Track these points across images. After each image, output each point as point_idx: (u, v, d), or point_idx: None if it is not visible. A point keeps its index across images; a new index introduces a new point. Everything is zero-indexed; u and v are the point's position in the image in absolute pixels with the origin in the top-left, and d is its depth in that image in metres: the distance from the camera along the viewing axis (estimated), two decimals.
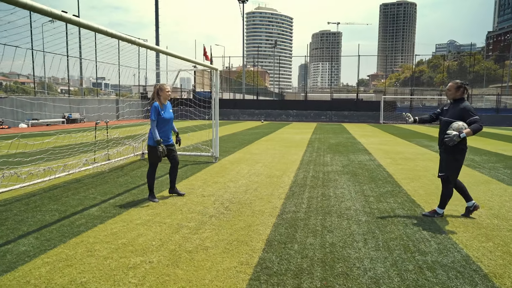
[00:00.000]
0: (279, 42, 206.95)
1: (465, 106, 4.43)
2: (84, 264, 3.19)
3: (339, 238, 3.92)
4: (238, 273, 3.09)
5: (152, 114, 5.15)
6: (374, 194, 5.87)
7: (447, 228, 4.29)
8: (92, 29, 4.40)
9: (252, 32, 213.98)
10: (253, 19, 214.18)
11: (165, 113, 5.30)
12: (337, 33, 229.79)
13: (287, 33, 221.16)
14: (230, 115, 32.79)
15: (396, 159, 9.59)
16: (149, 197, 5.35)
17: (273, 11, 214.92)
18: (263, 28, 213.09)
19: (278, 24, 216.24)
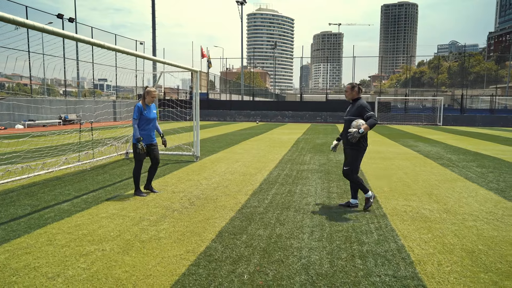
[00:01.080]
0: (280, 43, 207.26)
1: (361, 103, 4.88)
2: (41, 252, 3.47)
3: (288, 230, 4.18)
4: (181, 260, 3.35)
5: (134, 113, 5.52)
6: (339, 191, 6.13)
7: (394, 222, 4.54)
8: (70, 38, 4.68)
9: (253, 33, 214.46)
10: (254, 21, 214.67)
11: (147, 113, 5.63)
12: (338, 34, 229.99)
13: (288, 34, 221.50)
14: (226, 116, 33.07)
15: (375, 158, 9.83)
16: (136, 192, 5.63)
17: (274, 12, 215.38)
18: (264, 29, 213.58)
19: (279, 25, 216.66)
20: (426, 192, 6.10)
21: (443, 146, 13.13)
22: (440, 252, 3.62)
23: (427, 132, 20.55)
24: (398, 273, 3.14)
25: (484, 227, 4.38)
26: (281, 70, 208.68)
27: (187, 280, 2.96)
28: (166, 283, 2.91)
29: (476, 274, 3.15)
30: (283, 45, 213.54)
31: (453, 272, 3.18)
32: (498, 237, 4.05)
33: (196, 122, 8.96)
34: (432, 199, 5.65)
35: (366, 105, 4.86)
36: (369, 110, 4.81)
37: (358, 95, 5.02)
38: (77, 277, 2.98)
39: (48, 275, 3.00)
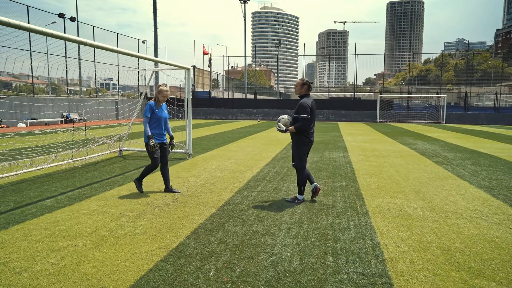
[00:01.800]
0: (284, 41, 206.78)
1: (301, 102, 4.96)
2: (14, 247, 3.48)
3: (265, 227, 4.16)
4: (151, 256, 3.35)
5: (147, 111, 5.43)
6: (325, 188, 6.09)
7: (375, 219, 4.50)
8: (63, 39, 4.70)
9: (258, 32, 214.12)
10: (259, 19, 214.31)
11: (159, 112, 5.54)
12: (344, 32, 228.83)
13: (293, 32, 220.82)
14: (228, 114, 33.08)
15: (369, 156, 9.76)
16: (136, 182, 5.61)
17: (278, 10, 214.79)
18: (268, 27, 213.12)
19: (284, 24, 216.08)
20: (414, 190, 6.04)
21: (442, 144, 13.00)
22: (415, 250, 3.57)
23: (428, 130, 20.37)
24: (367, 271, 3.11)
25: (465, 225, 4.32)
26: (286, 68, 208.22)
27: (152, 276, 2.96)
28: (131, 279, 2.90)
29: (447, 273, 3.10)
30: (288, 44, 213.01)
31: (424, 270, 3.13)
32: (478, 235, 3.99)
33: (188, 120, 8.96)
34: (418, 197, 5.59)
35: (306, 105, 4.90)
36: (305, 113, 4.88)
37: (307, 92, 5.09)
38: (44, 272, 2.99)
39: (16, 270, 3.02)
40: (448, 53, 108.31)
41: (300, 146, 5.05)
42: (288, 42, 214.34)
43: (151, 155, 5.45)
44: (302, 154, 5.07)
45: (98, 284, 2.81)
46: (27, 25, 4.66)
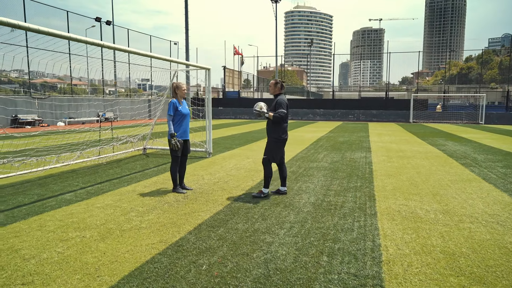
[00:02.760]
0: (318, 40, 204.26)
1: (278, 99, 5.26)
2: (28, 236, 3.75)
3: (267, 225, 4.18)
4: (150, 249, 3.48)
5: (170, 110, 5.54)
6: (338, 189, 6.00)
7: (382, 221, 4.39)
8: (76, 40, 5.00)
9: (290, 31, 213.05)
10: (292, 18, 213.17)
11: (182, 108, 5.66)
12: (379, 30, 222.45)
13: (326, 31, 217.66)
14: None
15: (392, 157, 9.48)
16: (174, 189, 5.64)
17: (312, 9, 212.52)
18: (301, 27, 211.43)
19: (317, 23, 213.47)
20: (431, 192, 5.81)
21: (474, 146, 12.35)
22: (417, 253, 3.46)
23: (463, 131, 19.40)
24: (360, 272, 3.06)
25: (478, 229, 4.12)
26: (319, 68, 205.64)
27: (147, 268, 3.08)
28: (127, 269, 3.04)
29: (446, 278, 2.99)
30: (321, 43, 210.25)
31: (421, 274, 3.04)
32: (490, 240, 3.80)
33: (208, 120, 9.14)
34: (434, 200, 5.38)
35: (281, 102, 5.21)
36: (282, 107, 5.18)
37: (280, 91, 5.38)
38: (49, 259, 3.20)
39: (25, 257, 3.25)
40: (492, 50, 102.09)
41: (276, 143, 5.35)
42: (321, 41, 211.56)
43: (174, 153, 5.55)
44: (276, 150, 5.38)
45: (95, 273, 2.97)
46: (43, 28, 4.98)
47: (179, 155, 5.61)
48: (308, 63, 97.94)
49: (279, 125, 5.27)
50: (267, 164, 5.38)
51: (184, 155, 5.78)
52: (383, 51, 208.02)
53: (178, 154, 5.58)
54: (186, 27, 31.21)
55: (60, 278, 2.88)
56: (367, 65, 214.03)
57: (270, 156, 5.35)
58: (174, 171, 5.61)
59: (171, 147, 5.49)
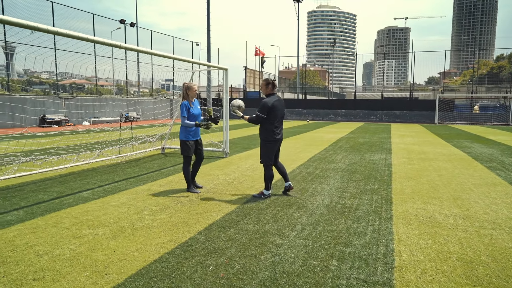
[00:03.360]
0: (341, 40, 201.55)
1: (262, 101, 5.20)
2: (44, 232, 3.86)
3: (278, 227, 4.13)
4: (160, 248, 3.50)
5: (183, 112, 5.58)
6: (354, 191, 5.87)
7: (397, 225, 4.25)
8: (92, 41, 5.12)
9: (313, 31, 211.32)
10: (315, 18, 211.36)
11: (194, 109, 5.71)
12: (405, 29, 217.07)
13: (350, 31, 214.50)
14: None
15: (413, 159, 9.20)
16: (188, 189, 5.68)
17: (335, 8, 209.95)
18: (324, 26, 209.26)
19: (341, 22, 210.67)
20: (452, 196, 5.59)
21: (502, 148, 11.81)
22: (432, 260, 3.32)
23: (491, 133, 18.61)
24: (370, 278, 2.96)
25: (501, 237, 3.92)
26: (342, 68, 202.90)
27: (154, 267, 3.10)
28: (134, 268, 3.07)
29: (461, 287, 2.85)
30: (344, 42, 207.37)
31: (434, 282, 2.91)
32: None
33: (226, 120, 9.16)
34: (455, 204, 5.17)
35: (263, 104, 5.15)
36: (261, 110, 5.13)
37: (272, 91, 5.32)
38: (61, 256, 3.28)
39: (39, 253, 3.34)
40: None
41: (266, 144, 5.29)
42: (345, 41, 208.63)
43: (186, 152, 5.59)
44: (269, 151, 5.31)
45: (104, 271, 3.01)
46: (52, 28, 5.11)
47: (191, 155, 5.64)
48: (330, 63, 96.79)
49: (265, 126, 5.22)
50: (267, 167, 5.32)
51: (200, 155, 5.81)
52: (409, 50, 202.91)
53: (190, 154, 5.62)
54: (208, 28, 31.50)
55: (69, 274, 2.94)
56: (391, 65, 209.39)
57: (266, 159, 5.30)
58: (187, 171, 5.64)
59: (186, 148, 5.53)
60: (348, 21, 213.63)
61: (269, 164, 5.35)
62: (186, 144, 5.58)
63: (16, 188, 5.78)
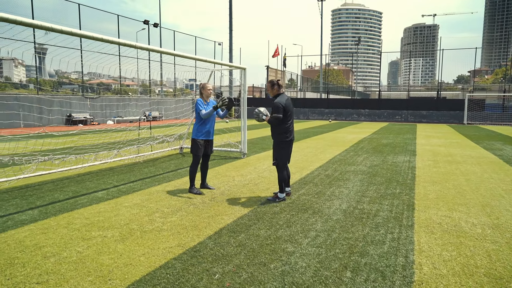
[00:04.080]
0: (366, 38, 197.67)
1: (275, 102, 5.12)
2: (55, 233, 3.85)
3: (291, 233, 3.95)
4: (167, 253, 3.40)
5: (199, 106, 5.54)
6: (374, 195, 5.60)
7: (419, 234, 3.98)
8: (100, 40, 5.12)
9: (337, 30, 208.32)
10: (339, 16, 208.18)
11: (208, 108, 5.66)
12: (433, 26, 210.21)
13: (375, 29, 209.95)
14: (299, 114, 32.76)
15: (439, 162, 8.76)
16: (190, 189, 5.62)
17: (360, 6, 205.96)
18: (349, 25, 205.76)
19: (366, 20, 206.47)
20: (481, 203, 5.23)
21: None
22: (456, 274, 3.05)
23: None
24: None
25: None
26: (367, 67, 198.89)
27: (159, 273, 3.00)
28: (139, 273, 2.98)
29: None
30: (369, 41, 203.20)
31: None
32: None
33: (244, 120, 9.04)
34: (484, 211, 4.82)
35: (278, 105, 5.08)
36: (278, 111, 5.05)
37: (279, 91, 5.24)
38: (68, 258, 3.24)
39: (46, 255, 3.31)
40: None
41: (281, 145, 5.19)
42: (370, 39, 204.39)
43: (196, 151, 5.54)
44: (285, 152, 5.22)
45: (107, 275, 2.94)
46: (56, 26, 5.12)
47: (200, 155, 5.60)
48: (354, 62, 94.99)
49: (279, 127, 5.13)
50: (281, 169, 5.19)
51: (206, 155, 5.77)
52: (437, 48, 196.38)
53: (199, 154, 5.57)
54: (230, 27, 31.55)
55: (73, 279, 2.88)
56: (418, 63, 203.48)
57: (280, 160, 5.19)
58: (193, 171, 5.60)
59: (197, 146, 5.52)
60: (373, 19, 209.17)
61: (284, 166, 5.21)
62: (196, 143, 5.55)
63: (35, 187, 5.88)
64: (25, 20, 4.36)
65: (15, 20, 4.27)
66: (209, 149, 5.75)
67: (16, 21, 4.28)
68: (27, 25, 4.43)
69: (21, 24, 4.34)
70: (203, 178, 5.89)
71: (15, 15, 4.31)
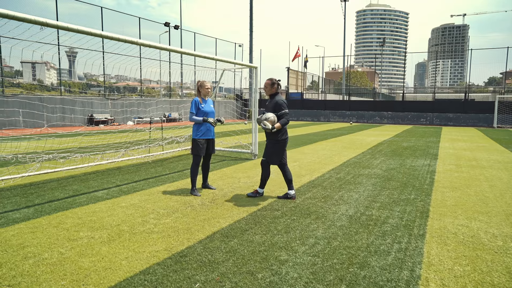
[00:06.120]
0: (392, 40, 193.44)
1: (277, 100, 5.06)
2: (42, 233, 3.73)
3: (287, 239, 3.67)
4: (151, 257, 3.20)
5: (192, 108, 5.44)
6: (386, 201, 5.22)
7: (430, 244, 3.60)
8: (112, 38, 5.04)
9: (362, 31, 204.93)
10: (364, 17, 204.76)
11: (205, 107, 5.53)
12: (463, 26, 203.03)
13: (401, 30, 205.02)
14: (320, 116, 32.20)
15: (462, 166, 8.20)
16: (191, 191, 5.46)
17: (386, 7, 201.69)
18: (374, 26, 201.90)
19: (391, 21, 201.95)
20: (504, 212, 4.75)
21: None
22: None
23: None
24: None
25: None
26: (392, 68, 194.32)
27: (137, 279, 2.80)
28: (116, 279, 2.79)
29: None
30: (395, 42, 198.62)
31: None
32: None
33: (254, 120, 8.80)
34: (507, 222, 4.36)
35: (282, 102, 5.04)
36: (284, 108, 5.03)
37: (277, 90, 5.20)
38: (47, 260, 3.10)
39: (27, 255, 3.19)
40: None
41: (276, 144, 5.11)
42: (395, 41, 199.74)
43: (196, 151, 5.42)
44: (280, 151, 5.15)
45: (82, 280, 2.77)
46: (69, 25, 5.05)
47: (202, 154, 5.43)
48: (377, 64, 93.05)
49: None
50: (265, 166, 5.18)
51: (208, 154, 5.63)
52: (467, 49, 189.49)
53: (200, 154, 5.41)
54: (251, 29, 31.45)
55: (46, 282, 2.72)
56: (447, 65, 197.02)
57: (269, 159, 5.15)
58: (194, 172, 5.44)
59: (197, 147, 5.40)
60: (399, 19, 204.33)
61: (269, 165, 5.18)
62: (197, 143, 5.40)
63: (38, 185, 5.86)
64: (63, 24, 4.44)
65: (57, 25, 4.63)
66: (210, 148, 5.59)
67: (53, 25, 4.59)
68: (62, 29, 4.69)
69: (54, 27, 4.62)
70: (204, 178, 5.76)
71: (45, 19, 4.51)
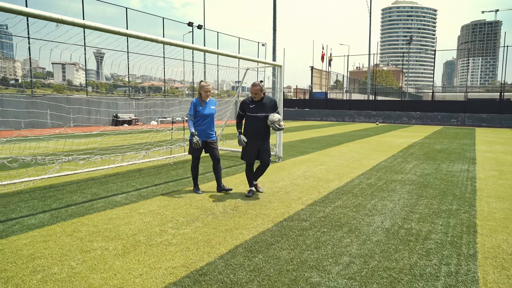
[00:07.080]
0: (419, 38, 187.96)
1: (272, 99, 5.41)
2: (56, 242, 3.51)
3: (318, 257, 3.29)
4: (168, 275, 2.90)
5: (190, 109, 5.47)
6: (425, 212, 4.73)
7: (484, 267, 3.13)
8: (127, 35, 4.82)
9: (387, 29, 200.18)
10: (389, 15, 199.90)
11: (203, 109, 5.46)
12: (495, 23, 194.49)
13: (429, 27, 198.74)
14: (344, 116, 31.40)
15: (505, 173, 7.52)
16: (194, 189, 5.65)
17: (412, 4, 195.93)
18: (400, 23, 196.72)
19: (419, 18, 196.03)
20: None
21: None
22: None
23: None
24: None
25: None
26: (419, 67, 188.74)
27: None
28: None
29: None
30: (422, 40, 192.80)
31: None
32: None
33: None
34: None
35: (275, 102, 5.50)
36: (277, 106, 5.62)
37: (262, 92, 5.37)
38: (56, 275, 2.85)
39: (37, 268, 2.96)
40: None
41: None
42: (423, 38, 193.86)
43: (193, 152, 5.52)
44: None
45: None
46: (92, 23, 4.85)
47: (198, 156, 5.51)
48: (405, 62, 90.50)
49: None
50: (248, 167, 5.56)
51: (214, 156, 5.58)
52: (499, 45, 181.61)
53: (196, 155, 5.48)
54: (274, 27, 31.04)
55: None
56: (477, 63, 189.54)
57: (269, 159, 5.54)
58: (192, 170, 5.64)
59: (192, 146, 5.36)
60: (427, 17, 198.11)
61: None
62: (190, 144, 5.41)
63: (58, 188, 5.71)
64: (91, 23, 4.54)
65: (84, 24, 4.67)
66: (210, 151, 5.55)
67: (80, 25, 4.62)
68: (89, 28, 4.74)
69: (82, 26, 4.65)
70: (217, 181, 5.64)
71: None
